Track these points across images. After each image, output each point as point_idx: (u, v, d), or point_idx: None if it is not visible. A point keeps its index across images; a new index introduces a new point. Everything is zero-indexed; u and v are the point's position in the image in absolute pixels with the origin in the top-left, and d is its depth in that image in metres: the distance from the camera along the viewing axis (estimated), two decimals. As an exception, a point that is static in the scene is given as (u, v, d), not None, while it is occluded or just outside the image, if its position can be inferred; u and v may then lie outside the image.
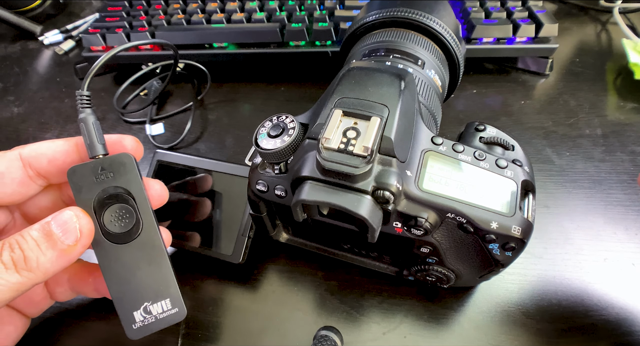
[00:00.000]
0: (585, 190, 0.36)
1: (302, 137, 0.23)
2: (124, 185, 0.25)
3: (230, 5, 0.50)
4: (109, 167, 0.25)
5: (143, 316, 0.25)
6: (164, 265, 0.25)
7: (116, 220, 0.25)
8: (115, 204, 0.25)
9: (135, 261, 0.25)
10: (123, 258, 0.25)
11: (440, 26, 0.33)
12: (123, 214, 0.25)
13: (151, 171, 0.34)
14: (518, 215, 0.22)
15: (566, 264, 0.32)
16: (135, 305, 0.25)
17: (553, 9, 0.55)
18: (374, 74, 0.24)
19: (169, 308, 0.25)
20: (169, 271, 0.25)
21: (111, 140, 0.27)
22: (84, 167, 0.25)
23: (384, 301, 0.31)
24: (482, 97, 0.45)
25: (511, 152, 0.25)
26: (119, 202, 0.25)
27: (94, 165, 0.25)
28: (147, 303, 0.25)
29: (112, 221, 0.25)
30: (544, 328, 0.29)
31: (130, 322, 0.25)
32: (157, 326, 0.25)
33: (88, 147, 0.25)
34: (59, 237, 0.22)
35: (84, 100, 0.26)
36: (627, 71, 0.44)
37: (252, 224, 0.31)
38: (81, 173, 0.24)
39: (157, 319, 0.25)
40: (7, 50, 0.60)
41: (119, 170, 0.25)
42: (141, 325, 0.25)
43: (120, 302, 0.25)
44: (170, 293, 0.25)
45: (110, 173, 0.25)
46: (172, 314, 0.26)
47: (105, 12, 0.54)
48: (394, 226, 0.23)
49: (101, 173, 0.25)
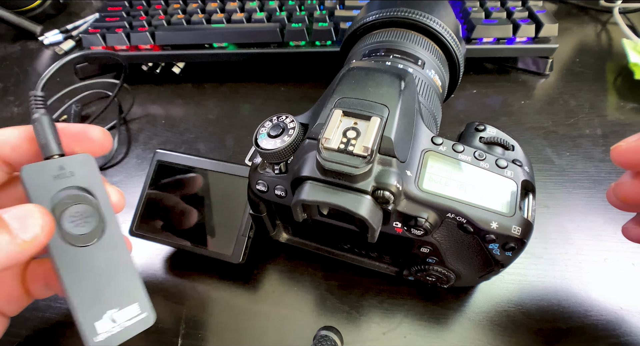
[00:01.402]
0: (585, 190, 0.36)
1: (302, 137, 0.23)
2: (84, 185, 0.23)
3: (230, 5, 0.50)
4: (69, 166, 0.23)
5: (108, 326, 0.22)
6: (129, 267, 0.23)
7: (76, 222, 0.23)
8: (75, 205, 0.23)
9: (97, 265, 0.23)
10: (84, 262, 0.22)
11: (440, 26, 0.33)
12: (84, 215, 0.23)
13: (151, 171, 0.34)
14: (518, 215, 0.22)
15: (566, 264, 0.32)
16: (98, 314, 0.22)
17: (553, 9, 0.55)
18: (374, 74, 0.24)
19: (137, 314, 0.23)
20: (134, 273, 0.23)
21: (75, 131, 0.25)
22: (40, 166, 0.22)
23: (384, 301, 0.31)
24: (482, 97, 0.45)
25: (511, 152, 0.25)
26: (79, 203, 0.23)
27: (52, 164, 0.23)
28: (113, 310, 0.23)
29: (72, 222, 0.22)
30: (544, 328, 0.29)
31: (92, 335, 0.22)
32: (125, 335, 0.23)
33: (43, 146, 0.23)
34: (14, 230, 0.20)
35: (38, 101, 0.25)
36: (627, 71, 0.44)
37: (252, 224, 0.31)
38: (37, 172, 0.22)
39: (124, 328, 0.23)
40: (7, 50, 0.60)
41: (79, 170, 0.23)
42: (106, 336, 0.22)
43: (80, 312, 0.22)
44: (137, 296, 0.23)
45: (69, 173, 0.23)
46: (141, 319, 0.23)
47: (105, 12, 0.54)
48: (394, 226, 0.23)
49: (60, 172, 0.23)
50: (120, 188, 0.40)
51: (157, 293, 0.33)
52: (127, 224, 0.34)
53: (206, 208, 0.33)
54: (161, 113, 0.48)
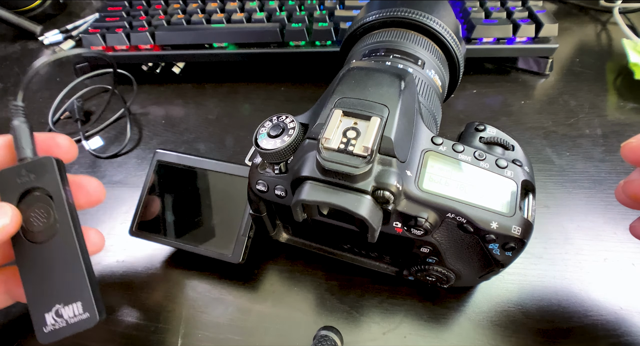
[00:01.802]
0: (585, 190, 0.36)
1: (302, 137, 0.23)
2: (43, 185, 0.25)
3: (230, 5, 0.50)
4: (32, 169, 0.25)
5: (54, 319, 0.24)
6: (77, 267, 0.25)
7: (35, 220, 0.25)
8: (35, 204, 0.25)
9: (50, 261, 0.25)
10: (39, 257, 0.25)
11: (440, 26, 0.33)
12: (42, 214, 0.25)
13: (151, 171, 0.34)
14: (518, 215, 0.22)
15: (566, 264, 0.32)
16: (47, 306, 0.24)
17: (553, 9, 0.55)
18: (374, 74, 0.24)
19: (80, 313, 0.24)
20: (82, 273, 0.25)
21: (42, 138, 0.27)
22: (10, 170, 0.25)
23: (384, 301, 0.31)
24: (482, 97, 0.45)
25: (511, 152, 0.25)
26: (39, 202, 0.25)
27: (19, 168, 0.25)
28: (59, 305, 0.24)
29: (31, 220, 0.25)
30: (544, 328, 0.29)
31: (41, 325, 0.24)
32: (68, 331, 0.24)
33: (17, 150, 0.25)
34: None
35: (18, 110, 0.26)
36: (627, 71, 0.44)
37: (252, 224, 0.31)
38: (6, 176, 0.25)
39: (68, 324, 0.24)
40: (7, 50, 0.60)
41: (40, 172, 0.25)
42: (52, 329, 0.24)
43: (33, 302, 0.24)
44: (81, 296, 0.24)
45: (32, 175, 0.25)
46: (84, 319, 0.24)
47: (105, 12, 0.54)
48: (394, 226, 0.23)
49: (24, 175, 0.25)
50: (120, 188, 0.41)
51: (157, 293, 0.33)
52: (127, 224, 0.34)
53: (206, 208, 0.33)
54: (161, 113, 0.48)
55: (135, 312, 0.32)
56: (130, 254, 0.36)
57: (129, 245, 0.36)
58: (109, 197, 0.40)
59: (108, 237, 0.37)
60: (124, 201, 0.40)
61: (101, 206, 0.39)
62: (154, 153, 0.35)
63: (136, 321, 0.32)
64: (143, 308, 0.32)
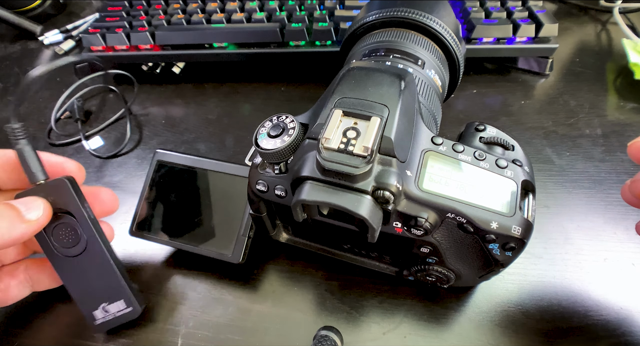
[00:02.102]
0: (585, 190, 0.36)
1: (302, 137, 0.23)
2: (63, 206, 0.27)
3: (230, 5, 0.50)
4: (49, 192, 0.27)
5: (103, 314, 0.29)
6: (112, 272, 0.29)
7: (64, 238, 0.28)
8: (60, 224, 0.28)
9: (86, 271, 0.28)
10: (76, 269, 0.28)
11: (440, 26, 0.33)
12: (68, 232, 0.28)
13: (151, 171, 0.34)
14: (518, 215, 0.22)
15: (566, 264, 0.32)
16: (93, 305, 0.29)
17: (553, 9, 0.55)
18: (374, 74, 0.24)
19: (124, 307, 0.29)
20: (116, 277, 0.29)
21: (53, 162, 0.29)
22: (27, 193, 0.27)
23: (384, 301, 0.31)
24: (482, 97, 0.45)
25: (511, 152, 0.25)
26: (63, 222, 0.28)
27: (35, 192, 0.27)
28: (105, 303, 0.29)
29: (60, 239, 0.28)
30: (544, 328, 0.29)
31: (92, 319, 0.29)
32: (117, 322, 0.29)
33: (28, 174, 0.27)
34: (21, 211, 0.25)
35: (16, 132, 0.26)
36: (627, 71, 0.44)
37: (252, 224, 0.31)
38: None
39: (115, 316, 0.29)
40: (7, 50, 0.60)
41: (57, 194, 0.27)
42: (102, 321, 0.29)
43: (81, 303, 0.29)
44: (122, 295, 0.29)
45: (50, 198, 0.27)
46: (128, 312, 0.29)
47: (105, 12, 0.54)
48: (394, 226, 0.23)
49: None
50: (120, 188, 0.41)
51: (158, 293, 0.33)
52: (127, 224, 0.34)
53: (206, 208, 0.33)
54: (161, 113, 0.48)
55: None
56: (130, 254, 0.36)
57: (129, 245, 0.36)
58: (109, 197, 0.40)
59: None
60: (124, 201, 0.40)
61: (101, 206, 0.39)
62: (154, 153, 0.35)
63: (136, 321, 0.32)
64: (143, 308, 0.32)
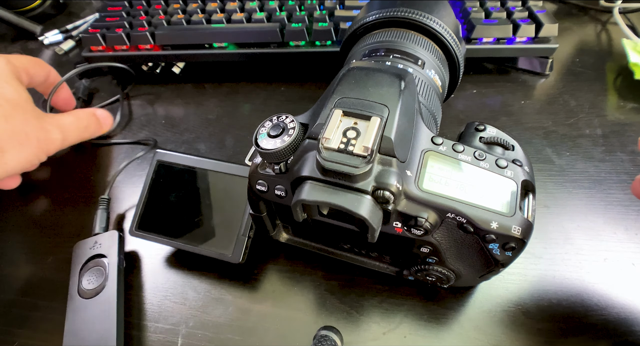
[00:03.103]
0: (585, 190, 0.36)
1: (302, 137, 0.23)
2: (105, 252, 0.33)
3: (230, 5, 0.50)
4: (100, 241, 0.34)
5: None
6: (111, 320, 0.30)
7: (90, 278, 0.32)
8: (94, 267, 0.32)
9: (91, 315, 0.30)
10: (83, 310, 0.31)
11: (440, 26, 0.33)
12: (97, 274, 0.32)
13: (151, 171, 0.34)
14: (518, 215, 0.22)
15: (566, 264, 0.32)
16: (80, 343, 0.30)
17: (553, 9, 0.55)
18: (374, 74, 0.24)
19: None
20: (113, 326, 0.30)
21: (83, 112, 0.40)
22: (85, 242, 0.34)
23: (384, 301, 0.31)
24: (482, 97, 0.45)
25: (511, 152, 0.25)
26: (97, 265, 0.32)
27: (91, 240, 0.34)
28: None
29: (87, 279, 0.32)
30: (544, 328, 0.29)
31: None
32: None
33: (94, 225, 0.36)
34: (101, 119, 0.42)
35: (104, 202, 0.37)
36: (627, 71, 0.44)
37: (252, 224, 0.31)
38: (81, 247, 0.34)
39: None
40: (7, 50, 0.60)
41: (106, 242, 0.33)
42: None
43: (69, 341, 0.30)
44: (111, 343, 0.29)
45: (99, 245, 0.33)
46: None
47: (105, 12, 0.54)
48: (394, 226, 0.23)
49: (94, 245, 0.34)
50: (120, 188, 0.41)
51: (157, 293, 0.33)
52: (127, 224, 0.34)
53: (206, 208, 0.33)
54: (161, 113, 0.48)
55: (135, 312, 0.32)
56: (130, 254, 0.36)
57: (129, 245, 0.36)
58: (109, 197, 0.40)
59: (108, 237, 0.37)
60: (124, 201, 0.40)
61: (101, 206, 0.39)
62: (154, 153, 0.35)
63: (136, 321, 0.32)
64: (143, 308, 0.32)
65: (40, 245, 0.38)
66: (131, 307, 0.32)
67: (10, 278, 0.35)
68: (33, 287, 0.35)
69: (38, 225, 0.39)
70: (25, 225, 0.39)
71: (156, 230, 0.33)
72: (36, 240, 0.38)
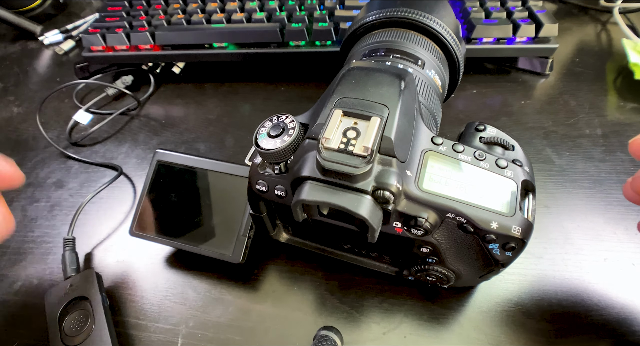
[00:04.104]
0: (585, 190, 0.36)
1: (302, 137, 0.23)
2: (85, 294, 0.31)
3: (230, 5, 0.50)
4: (77, 283, 0.32)
5: None
6: None
7: (74, 324, 0.30)
8: (76, 311, 0.30)
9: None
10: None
11: (440, 26, 0.33)
12: (80, 318, 0.30)
13: (151, 171, 0.34)
14: (518, 215, 0.22)
15: (566, 264, 0.32)
16: None
17: (553, 9, 0.55)
18: (374, 74, 0.24)
19: None
20: None
21: None
22: (58, 287, 0.32)
23: (384, 301, 0.31)
24: (482, 97, 0.45)
25: (511, 152, 0.25)
26: (79, 309, 0.30)
27: (65, 284, 0.32)
28: None
29: (71, 325, 0.30)
30: (544, 328, 0.29)
31: None
32: None
33: (63, 270, 0.33)
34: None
35: (69, 243, 0.34)
36: (627, 71, 0.44)
37: (252, 224, 0.31)
38: (54, 293, 0.31)
39: None
40: (7, 50, 0.60)
41: (82, 283, 0.31)
42: None
43: None
44: None
45: (75, 288, 0.31)
46: None
47: (105, 12, 0.54)
48: (394, 226, 0.23)
49: (69, 288, 0.31)
50: (119, 188, 0.41)
51: (157, 293, 0.33)
52: (127, 224, 0.34)
53: (206, 208, 0.33)
54: (161, 113, 0.48)
55: (135, 312, 0.32)
56: (130, 254, 0.36)
57: (129, 245, 0.36)
58: (108, 197, 0.40)
59: (108, 237, 0.37)
60: (124, 201, 0.40)
61: (101, 206, 0.39)
62: (154, 153, 0.35)
63: (136, 321, 0.32)
64: (143, 308, 0.32)
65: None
66: (131, 307, 0.32)
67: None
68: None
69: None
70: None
71: (156, 230, 0.33)
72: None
